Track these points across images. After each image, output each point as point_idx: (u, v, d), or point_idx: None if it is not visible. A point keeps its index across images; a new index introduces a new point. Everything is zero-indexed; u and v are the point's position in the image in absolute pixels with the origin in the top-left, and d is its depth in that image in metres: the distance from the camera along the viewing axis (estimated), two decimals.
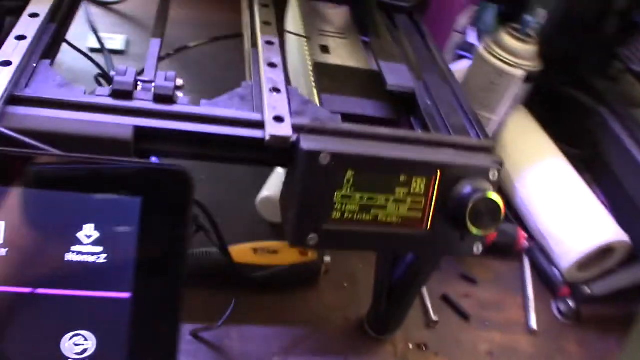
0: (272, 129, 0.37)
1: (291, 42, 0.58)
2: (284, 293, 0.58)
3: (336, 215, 0.38)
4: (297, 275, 0.56)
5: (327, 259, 0.58)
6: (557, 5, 0.66)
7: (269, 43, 0.44)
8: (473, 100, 0.59)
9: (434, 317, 0.58)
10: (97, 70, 0.63)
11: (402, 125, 0.47)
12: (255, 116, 0.38)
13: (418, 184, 0.39)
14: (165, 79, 0.38)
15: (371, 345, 0.56)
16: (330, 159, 0.36)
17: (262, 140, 0.37)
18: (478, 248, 0.41)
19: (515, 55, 0.63)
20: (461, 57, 0.72)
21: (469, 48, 0.75)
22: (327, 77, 0.48)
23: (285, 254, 0.56)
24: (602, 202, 0.66)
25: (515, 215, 0.69)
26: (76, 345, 0.31)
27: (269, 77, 0.41)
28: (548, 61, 0.69)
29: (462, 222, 0.38)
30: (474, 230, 0.38)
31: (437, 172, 0.39)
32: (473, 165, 0.39)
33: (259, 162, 0.38)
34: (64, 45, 0.48)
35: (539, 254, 0.66)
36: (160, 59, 0.52)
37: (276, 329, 0.55)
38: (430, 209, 0.40)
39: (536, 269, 0.66)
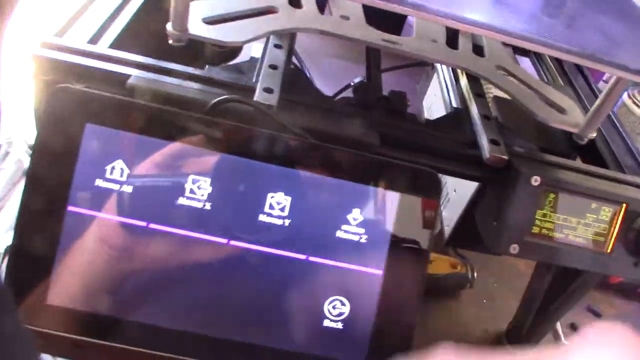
0: (491, 150, 0.43)
1: None
2: (430, 301, 0.63)
3: (536, 230, 0.44)
4: (447, 285, 0.62)
5: (475, 274, 0.63)
6: None
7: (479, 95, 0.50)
8: None
9: (564, 341, 0.63)
10: None
11: (572, 159, 0.52)
12: (471, 138, 0.45)
13: (605, 212, 0.45)
14: (396, 97, 0.45)
15: None
16: (541, 181, 0.42)
17: (481, 158, 0.43)
18: None
19: None
20: None
21: None
22: (506, 110, 0.54)
23: (438, 264, 0.62)
24: None
25: None
26: (334, 308, 0.38)
27: (477, 105, 0.48)
28: None
29: (638, 250, 0.43)
30: None
31: (622, 204, 0.44)
32: None
33: (473, 177, 0.45)
34: None
35: None
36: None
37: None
38: (613, 235, 0.45)
39: None
